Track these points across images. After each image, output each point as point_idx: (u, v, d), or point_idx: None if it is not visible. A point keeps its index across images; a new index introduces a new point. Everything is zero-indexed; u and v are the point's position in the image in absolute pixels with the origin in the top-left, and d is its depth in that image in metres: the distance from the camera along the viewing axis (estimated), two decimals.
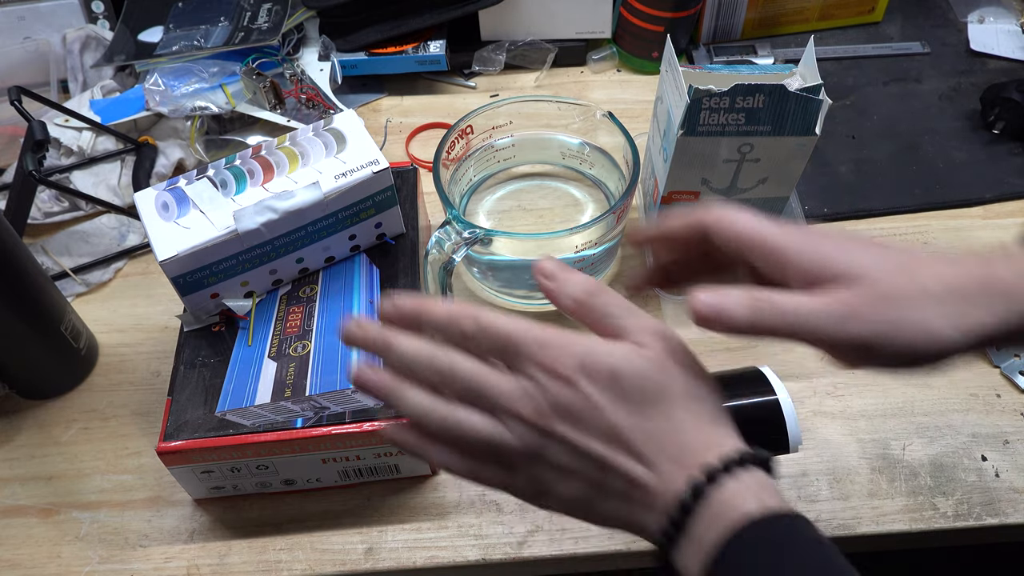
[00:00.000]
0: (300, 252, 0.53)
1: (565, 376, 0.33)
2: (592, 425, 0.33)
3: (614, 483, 0.33)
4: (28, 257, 0.53)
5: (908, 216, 0.68)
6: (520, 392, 0.34)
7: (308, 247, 0.53)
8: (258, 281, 0.53)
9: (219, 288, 0.52)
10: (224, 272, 0.51)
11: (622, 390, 0.33)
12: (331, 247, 0.55)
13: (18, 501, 0.54)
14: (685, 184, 0.55)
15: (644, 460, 0.33)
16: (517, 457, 0.34)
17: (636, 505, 0.33)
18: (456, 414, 0.35)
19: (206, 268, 0.50)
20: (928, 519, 0.51)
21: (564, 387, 0.33)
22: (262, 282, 0.54)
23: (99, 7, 0.81)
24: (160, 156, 0.72)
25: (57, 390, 0.59)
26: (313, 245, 0.53)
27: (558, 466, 0.34)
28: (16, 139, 0.72)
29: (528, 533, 0.51)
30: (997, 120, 0.73)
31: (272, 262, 0.53)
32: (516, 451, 0.34)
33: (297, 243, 0.53)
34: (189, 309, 0.52)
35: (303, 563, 0.50)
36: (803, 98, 0.49)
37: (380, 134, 0.76)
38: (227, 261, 0.51)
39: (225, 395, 0.49)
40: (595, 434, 0.33)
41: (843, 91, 0.78)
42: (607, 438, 0.33)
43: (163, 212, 0.51)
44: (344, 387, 0.49)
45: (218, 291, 0.52)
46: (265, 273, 0.53)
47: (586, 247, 0.55)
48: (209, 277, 0.51)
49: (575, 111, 0.62)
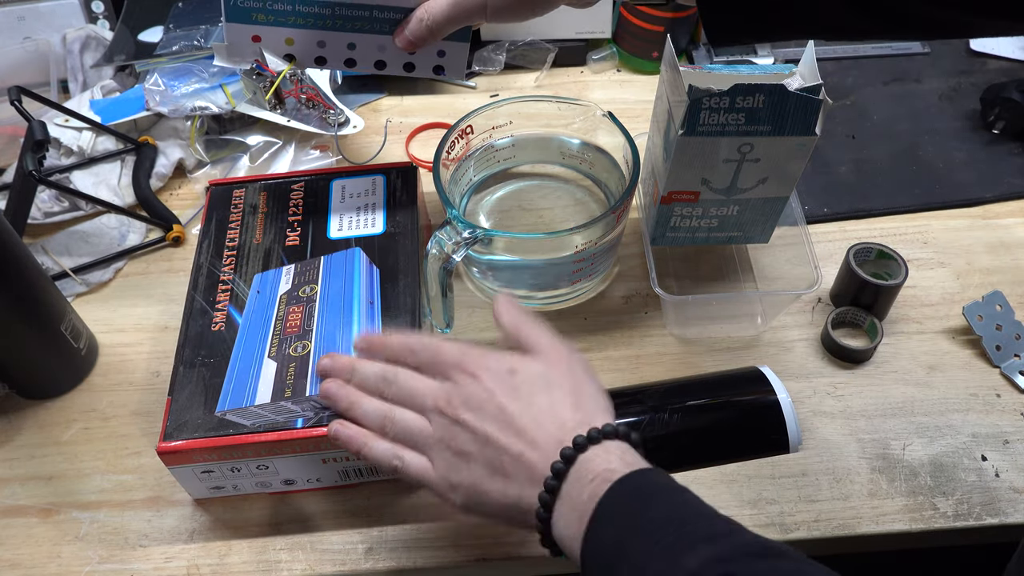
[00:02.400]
0: (355, 36, 0.52)
1: (472, 372, 0.42)
2: (488, 411, 0.40)
3: (503, 460, 0.39)
4: (28, 257, 0.53)
5: (908, 216, 0.68)
6: (439, 390, 0.43)
7: (365, 34, 0.52)
8: (304, 46, 0.52)
9: (264, 32, 0.51)
10: (276, 15, 0.50)
11: (515, 383, 0.41)
12: (386, 49, 0.53)
13: (18, 501, 0.54)
14: (685, 184, 0.55)
15: (526, 438, 0.39)
16: (434, 442, 0.42)
17: (523, 482, 0.39)
18: (393, 411, 0.44)
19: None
20: (928, 519, 0.51)
21: (471, 381, 0.42)
22: (307, 50, 0.52)
23: (99, 7, 0.81)
24: (160, 156, 0.72)
25: (57, 390, 0.59)
26: (371, 35, 0.52)
27: (463, 452, 0.41)
28: (16, 139, 0.72)
29: (528, 533, 0.51)
30: (997, 120, 0.73)
31: (325, 31, 0.52)
32: (432, 437, 0.42)
33: (357, 22, 0.51)
34: (227, 39, 0.51)
35: (303, 563, 0.50)
36: (803, 98, 0.49)
37: (380, 134, 0.76)
38: (283, 3, 0.50)
39: (225, 395, 0.49)
40: (490, 418, 0.40)
41: (843, 91, 0.78)
42: (499, 422, 0.40)
43: None
44: None
45: (261, 35, 0.51)
46: (313, 41, 0.52)
47: (586, 247, 0.55)
48: (259, 12, 0.50)
49: (575, 111, 0.62)
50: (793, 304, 0.62)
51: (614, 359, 0.59)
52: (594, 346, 0.60)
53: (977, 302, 0.59)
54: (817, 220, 0.67)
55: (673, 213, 0.57)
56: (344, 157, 0.73)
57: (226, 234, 0.58)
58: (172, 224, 0.68)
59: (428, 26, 0.50)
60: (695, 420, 0.51)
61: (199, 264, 0.57)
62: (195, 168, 0.73)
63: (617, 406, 0.55)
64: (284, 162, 0.72)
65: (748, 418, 0.52)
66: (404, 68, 0.55)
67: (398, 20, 0.52)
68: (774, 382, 0.52)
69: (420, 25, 0.50)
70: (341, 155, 0.73)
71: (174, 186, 0.72)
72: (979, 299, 0.59)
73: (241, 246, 0.58)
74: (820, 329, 0.60)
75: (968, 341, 0.59)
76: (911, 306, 0.62)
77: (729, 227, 0.59)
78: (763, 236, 0.60)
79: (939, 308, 0.62)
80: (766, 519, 0.51)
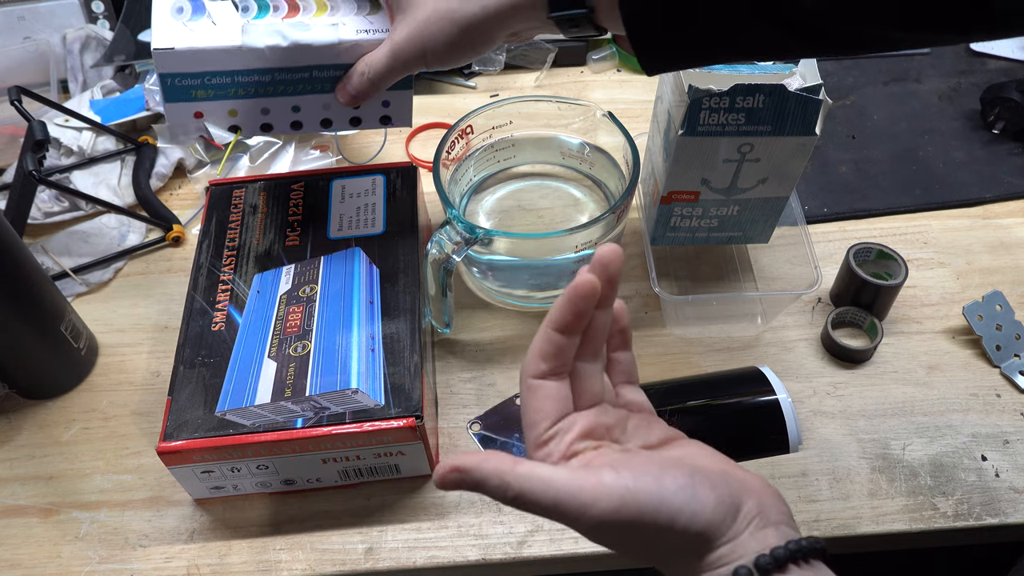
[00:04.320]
0: (298, 99, 0.51)
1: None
2: None
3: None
4: (28, 257, 0.53)
5: (908, 216, 0.68)
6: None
7: (308, 95, 0.51)
8: (247, 116, 0.51)
9: (205, 107, 0.50)
10: (216, 89, 0.49)
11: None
12: (331, 107, 0.52)
13: (18, 501, 0.54)
14: (685, 184, 0.55)
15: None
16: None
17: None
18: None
19: (198, 76, 0.48)
20: (928, 519, 0.51)
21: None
22: (251, 119, 0.52)
23: (99, 7, 0.81)
24: (160, 156, 0.72)
25: (57, 390, 0.59)
26: (313, 95, 0.51)
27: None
28: (16, 139, 0.72)
29: (528, 533, 0.51)
30: (997, 120, 0.73)
31: (267, 98, 0.51)
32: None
33: (299, 84, 0.50)
34: (169, 121, 0.50)
35: (303, 563, 0.50)
36: (803, 98, 0.49)
37: (380, 134, 0.76)
38: (221, 77, 0.49)
39: (225, 395, 0.49)
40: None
41: (843, 91, 0.78)
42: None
43: (176, 13, 0.49)
44: (344, 387, 0.49)
45: (203, 110, 0.50)
46: (257, 110, 0.51)
47: (586, 247, 0.55)
48: (199, 89, 0.49)
49: (575, 111, 0.62)
50: (793, 304, 0.62)
51: None
52: None
53: (977, 302, 0.59)
54: (817, 220, 0.67)
55: (673, 213, 0.57)
56: (344, 157, 0.73)
57: (226, 234, 0.58)
58: (172, 224, 0.68)
59: (370, 79, 0.50)
60: (695, 420, 0.51)
61: (199, 264, 0.57)
62: (195, 168, 0.73)
63: None
64: (284, 162, 0.72)
65: (748, 418, 0.52)
66: (351, 123, 0.55)
67: (339, 77, 0.51)
68: (774, 382, 0.52)
69: (362, 79, 0.50)
70: (341, 155, 0.73)
71: (174, 186, 0.72)
72: (979, 299, 0.59)
73: (241, 246, 0.57)
74: (820, 329, 0.60)
75: (968, 341, 0.59)
76: (911, 306, 0.62)
77: (729, 227, 0.59)
78: (763, 236, 0.60)
79: (939, 308, 0.62)
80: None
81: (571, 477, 0.32)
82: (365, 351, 0.51)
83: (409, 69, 0.49)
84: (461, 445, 0.55)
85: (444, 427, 0.56)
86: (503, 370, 0.59)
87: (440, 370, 0.59)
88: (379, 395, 0.49)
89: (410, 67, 0.49)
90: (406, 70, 0.49)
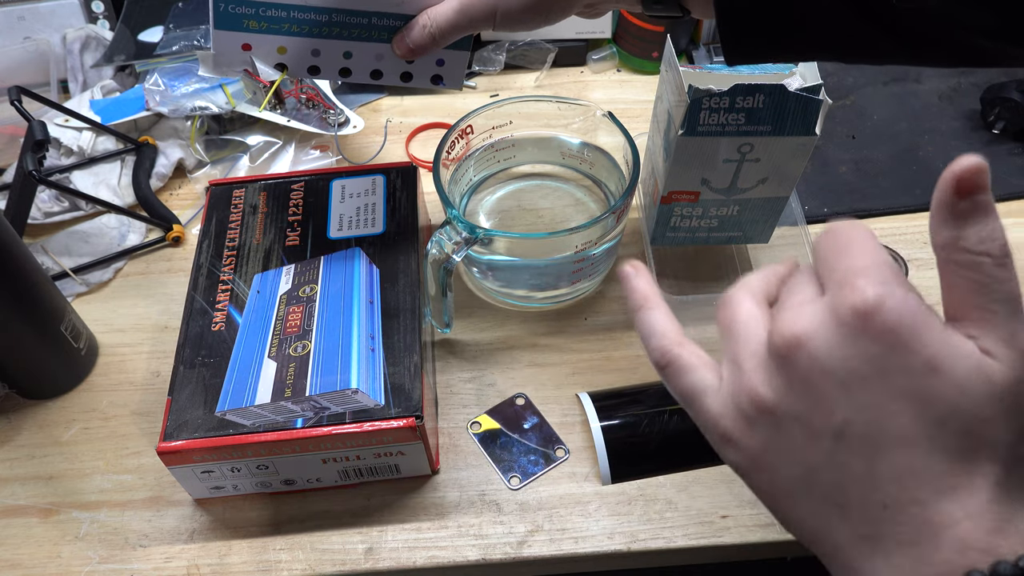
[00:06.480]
0: (352, 44, 0.50)
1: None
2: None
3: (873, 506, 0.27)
4: (28, 257, 0.53)
5: (908, 216, 0.68)
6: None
7: (362, 42, 0.50)
8: (297, 55, 0.50)
9: (255, 40, 0.48)
10: (269, 22, 0.48)
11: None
12: (384, 58, 0.51)
13: (18, 501, 0.54)
14: (685, 184, 0.55)
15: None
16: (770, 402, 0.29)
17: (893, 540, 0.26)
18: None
19: (254, 5, 0.47)
20: None
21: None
22: (300, 59, 0.50)
23: (99, 7, 0.81)
24: (160, 156, 0.72)
25: (57, 390, 0.59)
26: (368, 43, 0.50)
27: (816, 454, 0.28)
28: (16, 139, 0.72)
29: (528, 533, 0.51)
30: (997, 120, 0.73)
31: (320, 39, 0.49)
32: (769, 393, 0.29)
33: (353, 31, 0.49)
34: (215, 50, 0.49)
35: (303, 563, 0.50)
36: (803, 98, 0.49)
37: (380, 134, 0.76)
38: (277, 9, 0.47)
39: (225, 395, 0.49)
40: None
41: (843, 91, 0.78)
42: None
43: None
44: (344, 387, 0.49)
45: (252, 43, 0.49)
46: (307, 50, 0.50)
47: (586, 247, 0.55)
48: (252, 19, 0.47)
49: (575, 111, 0.62)
50: None
51: (614, 359, 0.59)
52: (594, 346, 0.60)
53: None
54: (817, 220, 0.67)
55: (673, 213, 0.57)
56: (344, 157, 0.73)
57: (226, 234, 0.58)
58: (172, 224, 0.68)
59: (431, 33, 0.47)
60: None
61: (199, 264, 0.57)
62: (195, 168, 0.73)
63: (617, 406, 0.55)
64: (284, 162, 0.72)
65: None
66: (401, 78, 0.53)
67: (397, 28, 0.50)
68: None
69: (423, 32, 0.47)
70: (341, 155, 0.73)
71: (174, 186, 0.72)
72: None
73: (241, 246, 0.58)
74: None
75: None
76: None
77: (729, 227, 0.59)
78: (763, 236, 0.60)
79: (939, 308, 0.61)
80: (766, 519, 0.51)
81: None
82: (365, 351, 0.51)
83: (475, 27, 0.47)
84: (461, 445, 0.55)
85: (444, 427, 0.56)
86: (503, 370, 0.59)
87: (440, 370, 0.59)
88: (379, 395, 0.49)
89: (476, 25, 0.46)
90: (471, 28, 0.47)
